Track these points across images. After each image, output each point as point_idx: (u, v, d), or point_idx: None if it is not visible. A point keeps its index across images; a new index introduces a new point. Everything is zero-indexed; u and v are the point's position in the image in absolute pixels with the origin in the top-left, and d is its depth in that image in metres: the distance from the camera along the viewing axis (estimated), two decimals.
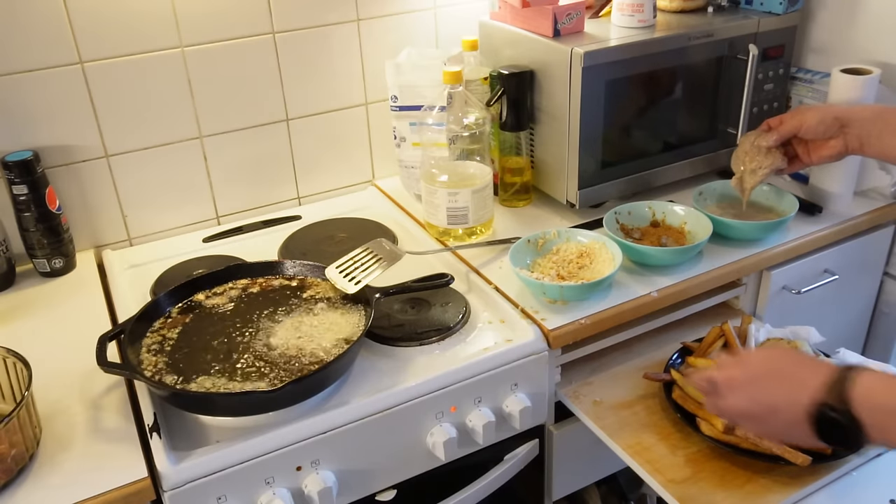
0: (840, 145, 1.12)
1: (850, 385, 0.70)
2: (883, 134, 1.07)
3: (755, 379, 0.77)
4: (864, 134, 1.09)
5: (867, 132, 1.08)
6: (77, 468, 0.88)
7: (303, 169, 1.49)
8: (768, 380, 0.76)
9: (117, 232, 1.37)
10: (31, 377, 0.89)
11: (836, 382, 0.71)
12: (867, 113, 1.10)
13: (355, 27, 1.42)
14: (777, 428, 0.76)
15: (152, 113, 1.31)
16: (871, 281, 1.46)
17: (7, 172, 1.19)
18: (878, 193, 1.39)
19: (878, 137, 1.07)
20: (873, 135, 1.08)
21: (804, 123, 1.13)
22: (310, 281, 1.13)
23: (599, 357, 1.20)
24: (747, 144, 1.21)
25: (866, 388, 0.69)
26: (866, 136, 1.09)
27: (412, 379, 0.99)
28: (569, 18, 1.27)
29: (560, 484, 1.22)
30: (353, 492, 0.99)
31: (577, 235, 1.22)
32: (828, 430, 0.71)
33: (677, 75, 1.33)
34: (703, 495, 0.94)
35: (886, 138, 1.07)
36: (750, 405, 0.77)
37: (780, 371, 0.75)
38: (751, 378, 0.77)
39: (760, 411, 0.76)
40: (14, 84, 1.19)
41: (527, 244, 1.21)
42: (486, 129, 1.29)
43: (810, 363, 0.75)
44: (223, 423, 0.93)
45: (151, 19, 1.25)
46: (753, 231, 1.26)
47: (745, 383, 0.78)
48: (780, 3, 1.36)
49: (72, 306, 1.19)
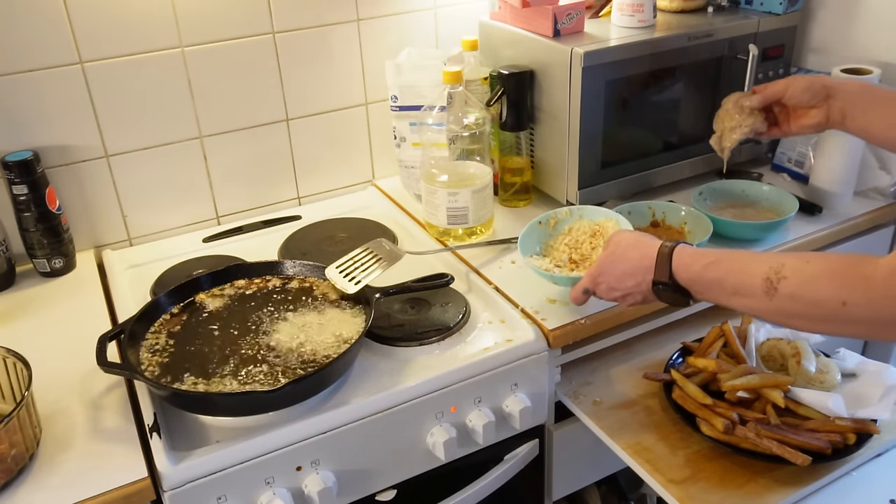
0: (822, 116, 1.11)
1: (672, 263, 0.91)
2: (868, 108, 1.07)
3: (610, 275, 0.99)
4: (848, 107, 1.08)
5: (852, 105, 1.08)
6: (77, 468, 0.88)
7: (303, 169, 1.49)
8: (619, 277, 0.97)
9: (117, 232, 1.37)
10: (31, 377, 0.89)
11: (661, 264, 0.92)
12: (854, 87, 1.09)
13: (355, 27, 1.42)
14: (637, 300, 0.98)
15: (152, 113, 1.31)
16: None
17: (7, 172, 1.19)
18: (878, 193, 1.39)
19: (863, 111, 1.07)
20: (858, 108, 1.07)
21: (790, 87, 1.12)
22: (310, 281, 1.13)
23: (599, 357, 1.20)
24: (730, 104, 1.19)
25: (679, 264, 0.91)
26: (850, 108, 1.08)
27: (412, 379, 0.99)
28: (569, 18, 1.27)
29: (560, 484, 1.22)
30: (353, 492, 0.99)
31: (590, 213, 1.21)
32: (666, 297, 0.94)
33: (677, 75, 1.33)
34: (703, 495, 0.94)
35: (871, 113, 1.06)
36: (613, 293, 0.99)
37: (626, 264, 0.97)
38: (607, 276, 0.99)
39: (622, 295, 0.98)
40: (14, 84, 1.19)
41: (538, 226, 1.20)
42: (486, 129, 1.29)
43: (642, 252, 0.95)
44: (223, 423, 0.93)
45: (151, 19, 1.25)
46: (753, 231, 1.26)
47: (605, 280, 0.99)
48: (780, 3, 1.36)
49: (72, 306, 1.19)
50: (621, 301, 1.00)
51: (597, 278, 1.00)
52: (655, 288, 0.94)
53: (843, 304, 0.76)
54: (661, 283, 0.93)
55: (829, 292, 0.77)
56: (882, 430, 1.01)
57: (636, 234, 1.00)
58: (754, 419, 0.99)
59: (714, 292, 0.89)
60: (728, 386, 1.03)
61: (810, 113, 1.12)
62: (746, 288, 0.84)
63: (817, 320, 0.80)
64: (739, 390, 1.03)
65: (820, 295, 0.78)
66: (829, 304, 0.77)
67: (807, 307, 0.79)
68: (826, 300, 0.77)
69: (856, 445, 0.98)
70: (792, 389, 1.03)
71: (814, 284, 0.78)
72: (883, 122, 1.06)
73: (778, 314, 0.83)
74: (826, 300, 0.77)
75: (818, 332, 0.90)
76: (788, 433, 0.97)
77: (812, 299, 0.78)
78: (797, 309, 0.80)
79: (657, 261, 0.93)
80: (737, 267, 0.86)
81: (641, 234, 0.99)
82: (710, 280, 0.88)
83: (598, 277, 1.00)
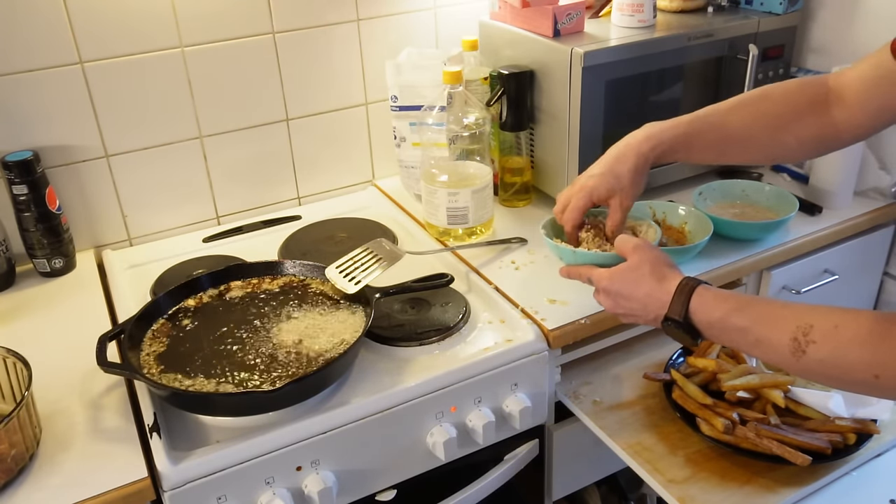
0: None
1: (690, 302, 0.88)
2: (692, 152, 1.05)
3: (620, 294, 0.95)
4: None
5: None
6: (77, 468, 0.88)
7: (303, 169, 1.49)
8: (629, 298, 0.94)
9: (117, 232, 1.37)
10: (31, 377, 0.89)
11: (677, 302, 0.88)
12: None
13: (355, 27, 1.42)
14: (637, 322, 0.96)
15: (152, 113, 1.31)
16: (871, 281, 1.47)
17: (7, 172, 1.19)
18: (878, 193, 1.39)
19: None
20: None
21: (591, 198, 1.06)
22: (310, 281, 1.13)
23: (599, 357, 1.20)
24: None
25: (699, 307, 0.87)
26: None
27: (412, 379, 0.99)
28: (569, 18, 1.27)
29: (560, 484, 1.22)
30: (353, 492, 0.99)
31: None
32: (673, 333, 0.91)
33: (677, 75, 1.33)
34: (703, 495, 0.94)
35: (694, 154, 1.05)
36: (616, 309, 0.97)
37: (641, 290, 0.92)
38: (618, 292, 0.95)
39: (623, 313, 0.96)
40: (14, 84, 1.19)
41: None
42: (486, 129, 1.29)
43: (662, 286, 0.91)
44: (223, 423, 0.93)
45: (151, 19, 1.25)
46: (753, 231, 1.26)
47: (615, 294, 0.96)
48: (780, 3, 1.36)
49: (72, 306, 1.19)
50: (620, 317, 0.98)
51: (609, 287, 0.96)
52: (665, 323, 0.90)
53: (875, 377, 0.73)
54: (672, 320, 0.89)
55: (860, 366, 0.74)
56: (882, 430, 1.01)
57: (660, 260, 0.94)
58: (754, 419, 0.99)
59: (734, 339, 0.85)
60: (728, 386, 1.04)
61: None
62: (771, 343, 0.81)
63: (849, 385, 0.78)
64: (739, 390, 1.03)
65: (851, 367, 0.75)
66: (860, 375, 0.74)
67: (838, 374, 0.77)
68: (857, 371, 0.74)
69: (856, 445, 0.98)
70: (792, 389, 1.03)
71: (844, 354, 0.75)
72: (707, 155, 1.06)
73: (805, 374, 0.80)
74: (857, 371, 0.74)
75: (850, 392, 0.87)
76: (788, 433, 0.97)
77: (843, 368, 0.76)
78: (827, 373, 0.78)
79: (674, 297, 0.89)
80: (762, 318, 0.82)
81: (665, 262, 0.94)
82: (733, 327, 0.84)
83: (610, 287, 0.96)
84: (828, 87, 0.99)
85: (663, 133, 1.04)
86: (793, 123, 1.00)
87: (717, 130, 1.03)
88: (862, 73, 0.95)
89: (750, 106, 1.03)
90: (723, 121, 1.03)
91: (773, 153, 1.06)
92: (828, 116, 0.98)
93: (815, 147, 1.02)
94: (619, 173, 1.04)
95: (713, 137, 1.04)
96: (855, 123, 0.96)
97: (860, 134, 0.98)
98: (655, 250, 0.97)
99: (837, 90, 0.97)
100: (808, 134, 0.99)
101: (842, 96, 0.97)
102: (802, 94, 1.00)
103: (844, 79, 0.97)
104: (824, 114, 0.98)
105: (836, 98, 0.97)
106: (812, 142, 1.00)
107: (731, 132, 1.03)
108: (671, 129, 1.04)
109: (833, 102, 0.98)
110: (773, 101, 1.02)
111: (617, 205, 1.05)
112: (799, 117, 0.99)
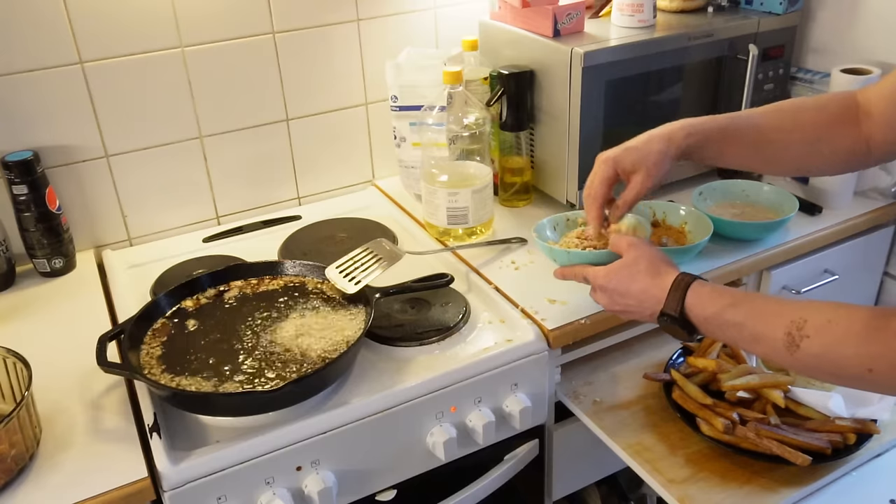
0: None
1: (685, 298, 0.89)
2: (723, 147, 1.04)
3: (617, 290, 0.96)
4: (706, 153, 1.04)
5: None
6: (77, 468, 0.88)
7: (303, 169, 1.49)
8: (625, 295, 0.95)
9: (117, 232, 1.37)
10: (31, 377, 0.89)
11: (673, 297, 0.90)
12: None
13: (355, 27, 1.42)
14: (633, 318, 0.98)
15: (152, 113, 1.31)
16: (871, 281, 1.47)
17: (7, 172, 1.19)
18: (878, 193, 1.39)
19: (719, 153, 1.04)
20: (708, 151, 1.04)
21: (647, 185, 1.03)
22: (310, 281, 1.13)
23: (599, 357, 1.20)
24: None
25: (694, 302, 0.88)
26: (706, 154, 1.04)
27: (412, 379, 0.99)
28: (569, 18, 1.27)
29: (560, 484, 1.22)
30: (353, 492, 0.99)
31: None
32: (669, 328, 0.92)
33: (677, 75, 1.33)
34: (703, 495, 0.94)
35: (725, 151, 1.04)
36: (613, 306, 0.98)
37: (637, 285, 0.94)
38: (614, 289, 0.96)
39: (620, 310, 0.97)
40: (14, 84, 1.19)
41: (566, 221, 1.17)
42: (486, 129, 1.29)
43: (658, 282, 0.92)
44: (223, 423, 0.93)
45: (151, 19, 1.25)
46: (753, 231, 1.26)
47: (611, 291, 0.97)
48: (780, 3, 1.36)
49: (72, 306, 1.19)
50: (617, 314, 0.99)
51: (605, 285, 0.97)
52: (661, 318, 0.91)
53: (869, 371, 0.74)
54: (668, 315, 0.90)
55: (854, 359, 0.75)
56: (882, 430, 1.01)
57: (655, 257, 0.95)
58: (754, 419, 0.99)
59: (729, 334, 0.86)
60: (728, 386, 1.04)
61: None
62: (766, 338, 0.82)
63: (843, 380, 0.78)
64: (739, 390, 1.03)
65: (845, 361, 0.75)
66: (854, 369, 0.75)
67: (831, 369, 0.77)
68: (851, 366, 0.75)
69: (856, 445, 0.98)
70: (792, 389, 1.03)
71: (838, 349, 0.76)
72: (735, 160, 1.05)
73: (800, 369, 0.81)
74: (851, 366, 0.75)
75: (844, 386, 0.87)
76: (788, 433, 0.97)
77: (837, 363, 0.76)
78: (821, 368, 0.78)
79: (670, 292, 0.90)
80: (757, 313, 0.83)
81: (660, 258, 0.95)
82: (728, 322, 0.85)
83: (606, 285, 0.97)
84: (857, 102, 0.98)
85: (701, 124, 1.02)
86: (829, 133, 0.99)
87: (756, 132, 1.02)
88: (885, 91, 0.94)
89: (787, 113, 1.02)
90: (761, 123, 1.02)
91: (805, 162, 1.04)
92: (859, 131, 0.97)
93: (845, 159, 1.01)
94: (646, 151, 1.02)
95: (751, 138, 1.02)
96: (882, 139, 0.96)
97: (889, 151, 0.97)
98: (651, 247, 0.97)
99: (865, 106, 0.97)
100: (842, 146, 0.99)
101: (869, 112, 0.96)
102: (837, 105, 0.99)
103: (871, 94, 0.97)
104: (856, 127, 0.98)
105: (864, 114, 0.97)
106: (844, 153, 0.99)
107: (769, 135, 1.02)
108: (709, 121, 1.03)
109: (862, 118, 0.97)
110: (809, 110, 1.01)
111: (638, 181, 1.02)
112: (834, 128, 0.99)
